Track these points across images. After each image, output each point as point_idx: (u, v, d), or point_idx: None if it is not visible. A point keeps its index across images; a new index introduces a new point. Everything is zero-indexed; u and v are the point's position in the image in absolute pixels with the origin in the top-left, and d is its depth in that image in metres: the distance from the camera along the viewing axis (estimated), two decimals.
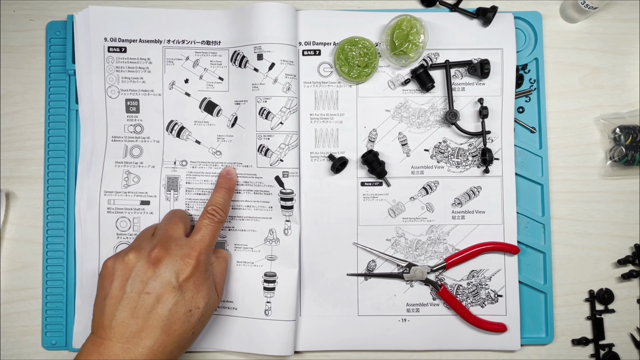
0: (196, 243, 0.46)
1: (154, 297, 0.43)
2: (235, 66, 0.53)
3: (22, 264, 0.55)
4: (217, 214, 0.48)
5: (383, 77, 0.54)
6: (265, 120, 0.52)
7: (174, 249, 0.45)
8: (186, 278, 0.44)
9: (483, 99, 0.53)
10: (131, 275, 0.43)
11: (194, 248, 0.45)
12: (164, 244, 0.45)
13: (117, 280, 0.43)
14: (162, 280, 0.43)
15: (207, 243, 0.46)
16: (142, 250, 0.45)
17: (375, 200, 0.54)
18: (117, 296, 0.43)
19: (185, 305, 0.43)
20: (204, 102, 0.54)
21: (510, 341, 0.53)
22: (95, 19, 0.53)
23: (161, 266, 0.43)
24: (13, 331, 0.54)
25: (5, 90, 0.56)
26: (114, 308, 0.42)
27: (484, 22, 0.54)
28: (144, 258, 0.44)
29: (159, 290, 0.43)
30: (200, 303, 0.44)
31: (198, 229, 0.47)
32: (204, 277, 0.45)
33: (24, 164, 0.55)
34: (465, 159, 0.54)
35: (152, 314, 0.42)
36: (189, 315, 0.44)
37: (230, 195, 0.51)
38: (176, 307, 0.43)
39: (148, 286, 0.43)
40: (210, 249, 0.47)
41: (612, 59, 0.56)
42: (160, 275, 0.43)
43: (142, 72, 0.54)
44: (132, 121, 0.54)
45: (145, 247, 0.45)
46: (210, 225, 0.47)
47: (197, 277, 0.45)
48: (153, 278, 0.43)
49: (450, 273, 0.54)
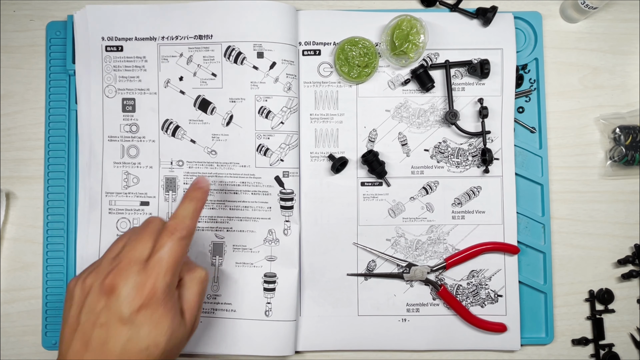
0: (152, 268, 0.39)
1: (105, 331, 0.37)
2: (229, 62, 0.53)
3: (22, 264, 0.55)
4: (178, 230, 0.40)
5: (383, 77, 0.54)
6: (266, 120, 0.52)
7: (130, 275, 0.38)
8: (137, 310, 0.37)
9: (483, 99, 0.53)
10: (85, 303, 0.39)
11: (150, 274, 0.38)
12: (120, 269, 0.39)
13: (74, 307, 0.39)
14: (113, 312, 0.37)
15: (166, 266, 0.39)
16: (98, 275, 0.40)
17: (375, 200, 0.54)
18: (72, 325, 0.39)
19: (140, 342, 0.37)
20: (198, 100, 0.54)
21: (510, 341, 0.53)
22: (93, 19, 0.53)
23: (113, 296, 0.38)
24: (13, 331, 0.54)
25: (5, 90, 0.56)
26: (69, 337, 0.38)
27: (484, 22, 0.54)
28: (97, 284, 0.39)
29: (110, 323, 0.37)
30: (160, 339, 0.38)
31: (157, 250, 0.40)
32: (165, 307, 0.39)
33: (24, 164, 0.55)
34: (465, 159, 0.54)
35: (105, 349, 0.37)
36: (147, 352, 0.38)
37: (200, 206, 0.43)
38: (129, 343, 0.37)
39: (100, 318, 0.38)
40: (173, 272, 0.39)
41: (612, 59, 0.56)
42: (111, 307, 0.38)
43: (139, 71, 0.54)
44: (128, 120, 0.54)
45: (102, 269, 0.40)
46: (170, 243, 0.40)
47: (154, 308, 0.38)
48: (105, 309, 0.38)
49: (450, 273, 0.54)
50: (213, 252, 0.54)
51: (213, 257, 0.54)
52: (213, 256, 0.54)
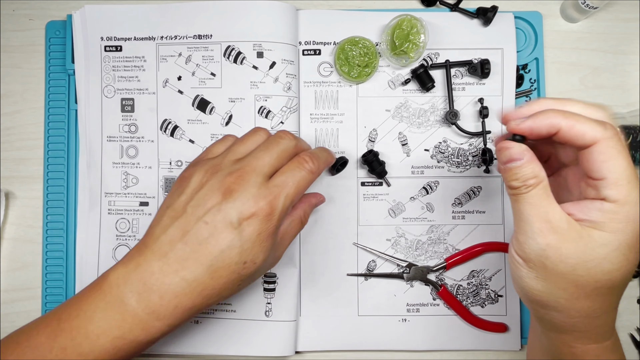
0: (275, 187, 0.38)
1: (209, 229, 0.36)
2: (229, 62, 0.53)
3: (22, 264, 0.55)
4: (308, 162, 0.40)
5: (383, 77, 0.54)
6: (265, 120, 0.52)
7: (251, 184, 0.37)
8: (247, 220, 0.36)
9: (483, 99, 0.53)
10: (197, 195, 0.38)
11: (271, 192, 0.37)
12: (242, 174, 0.38)
13: (185, 195, 0.38)
14: (224, 215, 0.36)
15: (288, 192, 0.38)
16: (219, 172, 0.38)
17: (376, 200, 0.54)
18: (177, 210, 0.38)
19: (241, 253, 0.37)
20: (197, 100, 0.54)
21: (510, 341, 0.53)
22: (91, 19, 0.53)
23: (229, 198, 0.37)
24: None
25: (5, 90, 0.56)
26: (168, 222, 0.37)
27: (484, 22, 0.54)
28: (216, 182, 0.38)
29: (217, 224, 0.36)
30: (259, 257, 0.37)
31: (284, 171, 0.39)
32: (273, 229, 0.38)
33: (23, 163, 0.55)
34: (466, 159, 0.54)
35: (202, 247, 0.36)
36: (242, 266, 0.37)
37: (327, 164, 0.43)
38: (229, 251, 0.36)
39: (208, 215, 0.37)
40: (291, 199, 0.39)
41: (612, 58, 0.56)
42: (223, 209, 0.36)
43: (137, 71, 0.54)
44: (126, 120, 0.54)
45: (224, 169, 0.39)
46: (301, 172, 0.39)
47: (264, 226, 0.37)
48: (216, 208, 0.37)
49: (450, 273, 0.54)
50: None
51: None
52: None
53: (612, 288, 0.34)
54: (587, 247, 0.32)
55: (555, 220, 0.33)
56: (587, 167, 0.33)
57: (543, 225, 0.33)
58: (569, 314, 0.35)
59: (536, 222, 0.33)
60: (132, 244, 0.53)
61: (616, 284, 0.33)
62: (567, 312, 0.35)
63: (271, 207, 0.37)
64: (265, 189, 0.38)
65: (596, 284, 0.33)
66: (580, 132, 0.32)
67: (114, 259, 0.53)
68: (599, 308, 0.34)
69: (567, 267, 0.33)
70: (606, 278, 0.33)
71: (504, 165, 0.35)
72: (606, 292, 0.34)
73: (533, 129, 0.34)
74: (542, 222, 0.33)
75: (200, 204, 0.37)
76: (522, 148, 0.34)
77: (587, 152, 0.33)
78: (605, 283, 0.33)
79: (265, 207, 0.37)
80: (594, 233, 0.32)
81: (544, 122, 0.33)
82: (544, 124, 0.33)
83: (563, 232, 0.33)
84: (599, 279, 0.33)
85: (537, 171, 0.34)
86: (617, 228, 0.32)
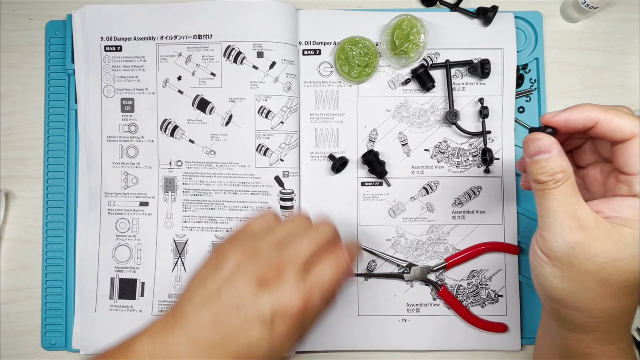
0: (311, 282, 0.36)
1: (241, 321, 0.34)
2: (229, 62, 0.53)
3: (22, 264, 0.55)
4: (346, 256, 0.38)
5: (383, 77, 0.54)
6: (265, 120, 0.52)
7: (289, 277, 0.35)
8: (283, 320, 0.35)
9: (483, 99, 0.53)
10: (232, 279, 0.36)
11: (307, 287, 0.36)
12: (281, 264, 0.36)
13: (219, 276, 0.36)
14: (256, 308, 0.34)
15: (323, 285, 0.36)
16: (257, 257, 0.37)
17: (376, 200, 0.54)
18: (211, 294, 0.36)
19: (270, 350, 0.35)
20: (197, 100, 0.54)
21: (510, 341, 0.53)
22: (91, 19, 0.53)
23: (265, 290, 0.35)
24: (13, 331, 0.54)
25: (5, 90, 0.56)
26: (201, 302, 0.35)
27: (485, 22, 0.54)
28: (253, 269, 0.36)
29: (249, 316, 0.34)
30: (285, 351, 0.36)
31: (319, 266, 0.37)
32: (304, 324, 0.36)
33: (23, 163, 0.55)
34: (466, 159, 0.54)
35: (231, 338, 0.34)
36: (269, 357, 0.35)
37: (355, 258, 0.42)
38: (258, 345, 0.34)
39: (240, 304, 0.35)
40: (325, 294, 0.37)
41: (612, 58, 0.56)
42: (257, 300, 0.35)
43: (137, 71, 0.54)
44: (126, 120, 0.54)
45: (263, 254, 0.37)
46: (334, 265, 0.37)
47: (296, 324, 0.35)
48: (250, 299, 0.35)
49: (450, 273, 0.54)
50: None
51: None
52: None
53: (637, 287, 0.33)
54: (618, 245, 0.32)
55: (584, 217, 0.32)
56: (621, 161, 0.33)
57: (572, 222, 0.32)
58: (592, 313, 0.34)
59: (564, 219, 0.33)
60: (132, 244, 0.53)
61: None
62: (590, 312, 0.34)
63: (305, 305, 0.35)
64: (301, 283, 0.36)
65: (623, 283, 0.32)
66: (619, 126, 0.32)
67: (114, 259, 0.53)
68: (623, 307, 0.34)
69: (595, 265, 0.32)
70: (634, 277, 0.32)
71: (532, 157, 0.34)
72: (631, 291, 0.33)
73: (569, 121, 0.34)
74: (571, 219, 0.32)
75: (235, 291, 0.35)
76: (552, 140, 0.34)
77: (623, 147, 0.32)
78: (632, 282, 0.32)
79: (299, 304, 0.35)
80: (625, 230, 0.32)
81: (581, 114, 0.33)
82: (581, 116, 0.33)
83: (592, 229, 0.32)
84: (627, 277, 0.32)
85: (566, 166, 0.33)
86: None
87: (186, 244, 0.54)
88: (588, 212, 0.33)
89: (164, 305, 0.53)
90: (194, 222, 0.54)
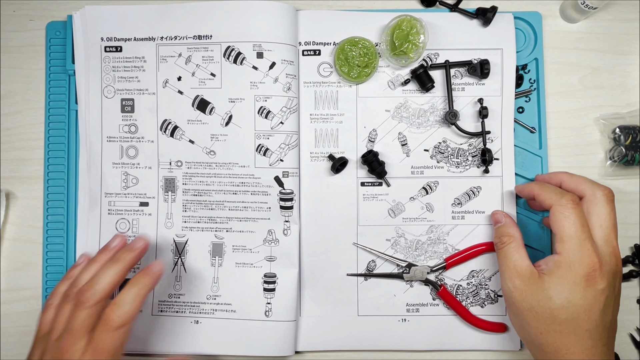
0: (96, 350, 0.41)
1: None
2: (229, 62, 0.53)
3: (22, 264, 0.55)
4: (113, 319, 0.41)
5: (383, 77, 0.54)
6: (265, 120, 0.52)
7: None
8: None
9: (483, 99, 0.53)
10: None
11: None
12: None
13: None
14: None
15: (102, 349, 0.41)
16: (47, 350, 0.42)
17: (375, 200, 0.54)
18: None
19: None
20: (197, 100, 0.54)
21: (510, 341, 0.53)
22: (92, 19, 0.53)
23: None
24: (13, 331, 0.54)
25: (5, 90, 0.56)
26: None
27: (484, 22, 0.54)
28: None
29: None
30: None
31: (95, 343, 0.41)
32: None
33: (23, 164, 0.55)
34: (465, 159, 0.54)
35: None
36: None
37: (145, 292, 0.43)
38: None
39: None
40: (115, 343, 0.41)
41: (612, 59, 0.56)
42: None
43: (137, 71, 0.54)
44: (126, 121, 0.54)
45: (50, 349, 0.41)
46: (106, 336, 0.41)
47: None
48: None
49: (450, 273, 0.54)
50: (213, 252, 0.54)
51: (213, 258, 0.54)
52: (213, 257, 0.54)
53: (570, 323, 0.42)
54: (539, 288, 0.43)
55: (522, 270, 0.45)
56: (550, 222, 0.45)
57: (512, 272, 0.45)
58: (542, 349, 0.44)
59: (507, 270, 0.45)
60: None
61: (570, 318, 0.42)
62: (540, 347, 0.44)
63: None
64: None
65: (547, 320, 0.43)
66: (542, 199, 0.46)
67: None
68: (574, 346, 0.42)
69: (527, 304, 0.43)
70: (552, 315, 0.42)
71: (494, 225, 0.51)
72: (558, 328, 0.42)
73: (521, 192, 0.50)
74: (512, 270, 0.45)
75: None
76: (503, 214, 0.51)
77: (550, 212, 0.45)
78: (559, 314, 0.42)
79: None
80: (545, 278, 0.43)
81: (526, 190, 0.49)
82: (526, 190, 0.49)
83: (525, 278, 0.44)
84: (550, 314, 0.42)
85: (512, 232, 0.48)
86: (560, 274, 0.42)
87: (186, 244, 0.54)
88: (526, 266, 0.45)
89: (164, 306, 0.53)
90: (194, 222, 0.54)
